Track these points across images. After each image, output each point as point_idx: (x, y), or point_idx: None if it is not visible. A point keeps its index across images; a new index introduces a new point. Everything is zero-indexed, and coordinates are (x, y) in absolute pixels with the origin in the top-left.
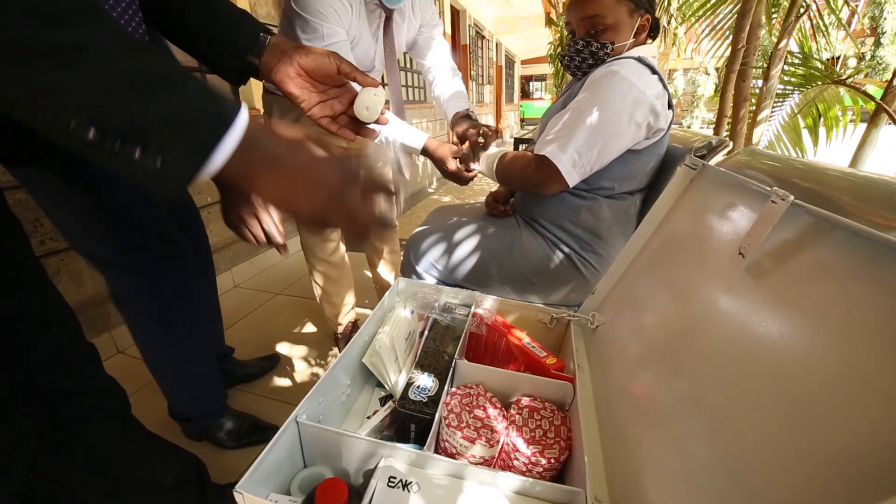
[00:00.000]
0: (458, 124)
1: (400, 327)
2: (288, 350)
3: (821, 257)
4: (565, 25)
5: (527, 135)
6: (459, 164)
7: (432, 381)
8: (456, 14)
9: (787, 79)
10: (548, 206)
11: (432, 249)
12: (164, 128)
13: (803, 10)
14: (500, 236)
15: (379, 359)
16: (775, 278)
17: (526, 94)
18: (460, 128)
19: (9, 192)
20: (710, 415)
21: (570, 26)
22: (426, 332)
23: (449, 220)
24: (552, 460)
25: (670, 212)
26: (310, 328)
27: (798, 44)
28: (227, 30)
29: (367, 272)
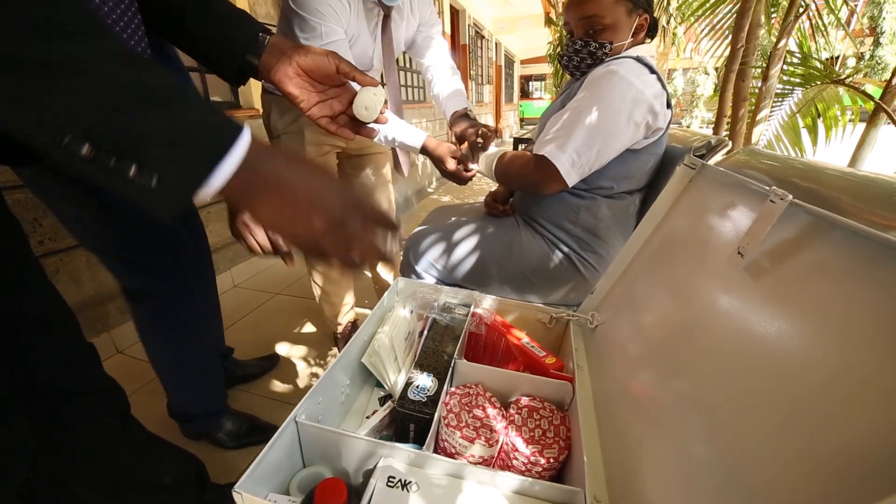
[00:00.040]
0: (457, 124)
1: (399, 327)
2: (287, 350)
3: (820, 257)
4: (563, 25)
5: (526, 134)
6: (458, 164)
7: (431, 380)
8: (455, 14)
9: (786, 78)
10: (547, 206)
11: (432, 249)
12: (161, 146)
13: (802, 9)
14: (499, 236)
15: (378, 358)
16: (774, 278)
17: (525, 94)
18: (459, 128)
19: (7, 193)
20: (710, 414)
21: (569, 26)
22: (425, 332)
23: (448, 219)
24: (551, 460)
25: (669, 211)
26: (309, 328)
27: (797, 43)
28: (226, 30)
29: (367, 272)
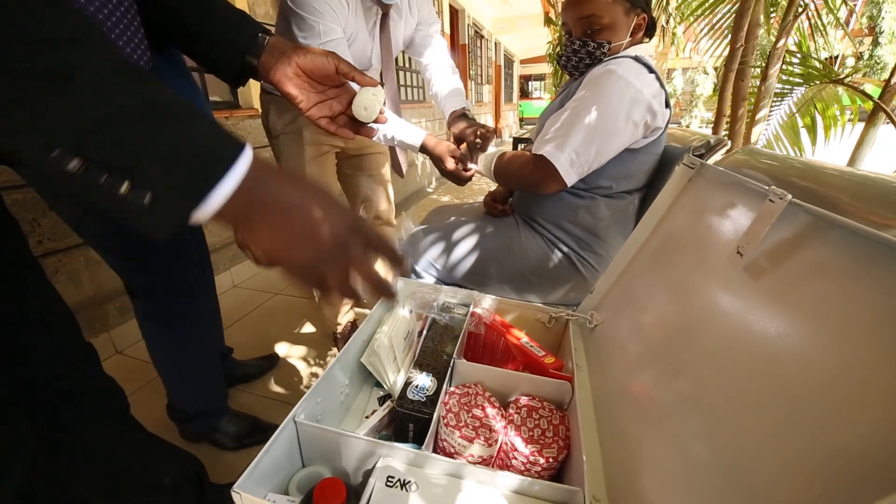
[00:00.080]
0: (455, 124)
1: (398, 327)
2: (287, 350)
3: (819, 256)
4: (562, 26)
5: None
6: (457, 163)
7: (431, 380)
8: (455, 13)
9: (785, 78)
10: (546, 206)
11: (431, 248)
12: (157, 161)
13: (801, 9)
14: (498, 236)
15: (377, 358)
16: (773, 277)
17: (525, 94)
18: (457, 128)
19: (6, 193)
20: (709, 414)
21: (567, 26)
22: (425, 332)
23: (447, 219)
24: (550, 459)
25: (668, 211)
26: (308, 328)
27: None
28: (225, 30)
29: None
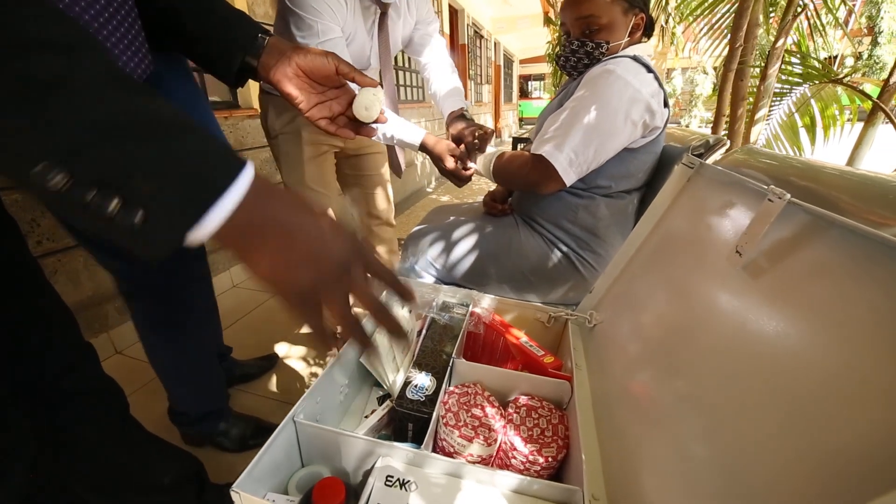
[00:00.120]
0: (454, 125)
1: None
2: (286, 350)
3: (818, 255)
4: (560, 26)
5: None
6: (457, 163)
7: (430, 380)
8: (454, 13)
9: (784, 77)
10: (546, 206)
11: (430, 248)
12: (152, 177)
13: (800, 9)
14: (498, 235)
15: (377, 358)
16: (772, 276)
17: (524, 94)
18: (455, 128)
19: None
20: (708, 414)
21: (565, 27)
22: (424, 332)
23: (447, 218)
24: (550, 459)
25: (668, 210)
26: (308, 328)
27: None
28: (224, 31)
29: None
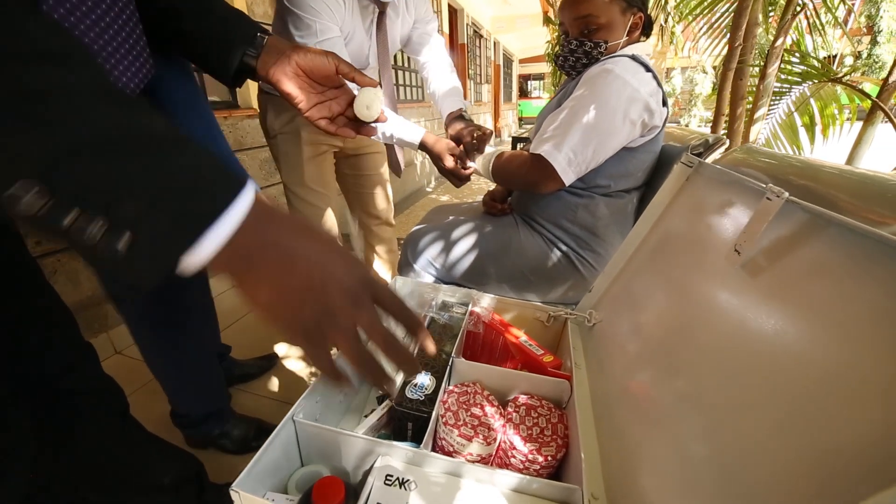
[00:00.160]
0: (452, 126)
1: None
2: (286, 350)
3: (816, 254)
4: (559, 26)
5: (524, 133)
6: (456, 162)
7: (429, 379)
8: (454, 13)
9: (784, 77)
10: (545, 205)
11: (430, 247)
12: (141, 196)
13: (800, 8)
14: (497, 235)
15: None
16: (771, 275)
17: (524, 93)
18: (454, 129)
19: None
20: (707, 412)
21: (564, 26)
22: None
23: (446, 218)
24: (549, 458)
25: (667, 209)
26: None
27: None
28: (223, 30)
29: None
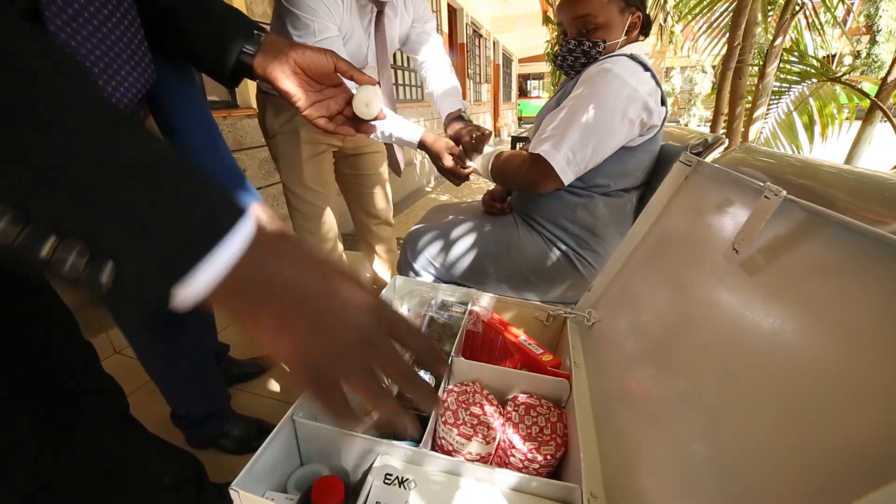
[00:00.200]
0: (451, 126)
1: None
2: None
3: (814, 252)
4: (557, 25)
5: (524, 133)
6: (455, 161)
7: (429, 378)
8: (453, 12)
9: (783, 76)
10: (545, 204)
11: (429, 247)
12: (128, 224)
13: (799, 7)
14: (497, 234)
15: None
16: (769, 273)
17: (523, 93)
18: (452, 129)
19: None
20: (706, 411)
21: (562, 26)
22: (423, 330)
23: (446, 217)
24: (548, 457)
25: (666, 208)
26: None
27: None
28: (221, 29)
29: (368, 273)
